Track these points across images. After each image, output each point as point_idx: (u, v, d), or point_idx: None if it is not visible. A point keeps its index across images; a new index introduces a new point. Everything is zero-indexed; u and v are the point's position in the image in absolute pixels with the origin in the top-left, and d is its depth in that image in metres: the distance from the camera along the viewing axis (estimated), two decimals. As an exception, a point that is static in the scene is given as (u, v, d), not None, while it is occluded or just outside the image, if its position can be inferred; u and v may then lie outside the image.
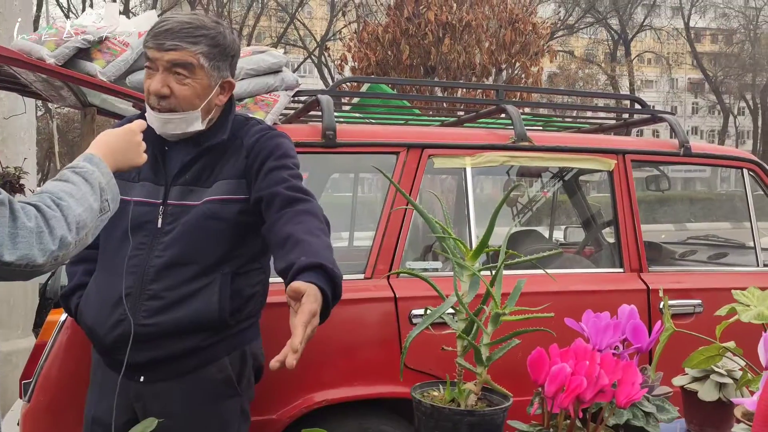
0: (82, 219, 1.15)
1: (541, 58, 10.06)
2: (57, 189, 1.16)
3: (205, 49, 1.56)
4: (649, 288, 2.50)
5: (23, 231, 1.05)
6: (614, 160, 2.61)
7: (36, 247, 1.06)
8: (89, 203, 1.18)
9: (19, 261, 1.04)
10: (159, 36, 1.53)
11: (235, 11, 25.70)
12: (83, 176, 1.21)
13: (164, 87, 1.54)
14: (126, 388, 1.61)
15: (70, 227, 1.12)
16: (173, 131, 1.60)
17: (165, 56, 1.53)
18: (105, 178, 1.25)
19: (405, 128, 3.09)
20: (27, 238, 1.05)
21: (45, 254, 1.07)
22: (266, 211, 1.55)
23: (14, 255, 1.03)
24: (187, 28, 1.55)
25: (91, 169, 1.23)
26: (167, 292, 1.57)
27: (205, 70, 1.57)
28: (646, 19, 30.43)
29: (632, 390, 0.97)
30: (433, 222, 1.33)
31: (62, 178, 1.20)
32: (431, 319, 1.25)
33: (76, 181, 1.19)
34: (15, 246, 1.04)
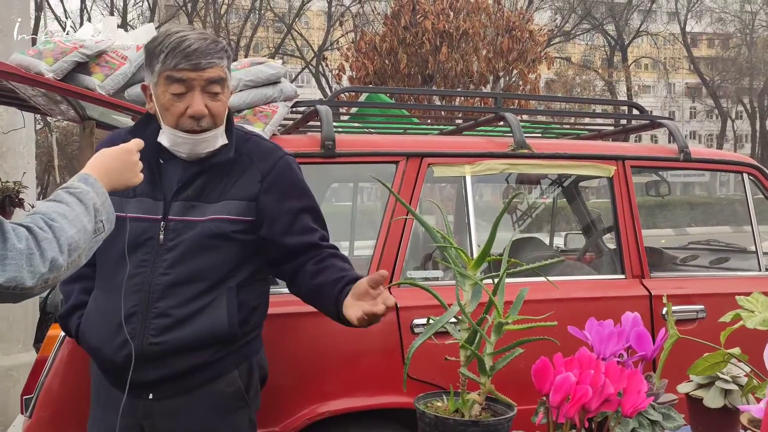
0: (75, 241, 1.13)
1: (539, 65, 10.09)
2: (50, 210, 1.14)
3: (227, 62, 1.59)
4: (651, 294, 2.49)
5: (12, 252, 1.03)
6: (614, 167, 2.61)
7: (26, 270, 1.04)
8: (83, 224, 1.16)
9: (8, 283, 1.03)
10: (191, 56, 1.51)
11: (233, 22, 25.82)
12: (77, 197, 1.19)
13: (204, 107, 1.54)
14: (134, 406, 1.59)
15: (62, 249, 1.10)
16: (205, 150, 1.59)
17: (204, 75, 1.53)
18: (100, 199, 1.23)
19: (404, 137, 3.09)
20: (16, 260, 1.03)
21: (35, 277, 1.05)
22: (295, 257, 1.64)
23: (2, 277, 1.02)
24: (211, 44, 1.55)
25: (86, 190, 1.21)
26: (175, 310, 1.56)
27: (227, 82, 1.60)
28: (643, 24, 30.53)
29: (638, 399, 0.97)
30: (435, 231, 1.33)
31: (56, 199, 1.18)
32: (434, 329, 1.24)
33: (69, 202, 1.17)
34: (3, 268, 1.02)
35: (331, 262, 1.62)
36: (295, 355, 2.14)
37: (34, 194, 4.13)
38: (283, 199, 1.64)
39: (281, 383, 2.00)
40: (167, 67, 1.53)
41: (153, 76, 1.57)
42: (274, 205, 1.63)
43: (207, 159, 1.62)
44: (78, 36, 2.27)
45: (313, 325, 2.18)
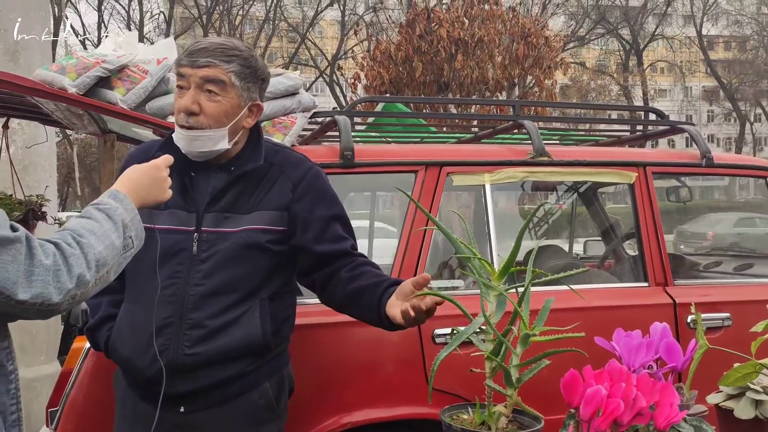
0: (103, 257, 1.13)
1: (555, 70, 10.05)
2: (78, 226, 1.15)
3: (237, 68, 1.58)
4: (675, 302, 2.46)
5: (39, 269, 1.03)
6: (635, 173, 2.58)
7: (52, 286, 1.04)
8: (111, 240, 1.17)
9: (34, 299, 1.03)
10: (193, 54, 1.56)
11: (247, 33, 26.05)
12: (106, 213, 1.20)
13: (194, 104, 1.56)
14: (163, 419, 1.58)
15: (90, 265, 1.10)
16: (199, 149, 1.59)
17: (198, 72, 1.55)
18: (129, 215, 1.23)
19: (423, 146, 3.09)
20: (42, 276, 1.03)
21: (62, 293, 1.06)
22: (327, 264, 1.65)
23: (29, 293, 1.02)
24: (221, 47, 1.57)
25: (115, 206, 1.23)
26: (210, 321, 1.57)
27: (237, 88, 1.59)
28: (658, 28, 30.32)
29: (671, 412, 0.95)
30: (459, 242, 1.32)
31: (85, 215, 1.19)
32: (459, 340, 1.23)
33: (98, 218, 1.18)
34: (30, 284, 1.02)
35: (366, 269, 1.62)
36: (317, 366, 2.14)
37: (56, 207, 4.18)
38: (315, 207, 1.65)
39: (304, 394, 2.00)
40: (177, 63, 1.59)
41: None
42: (306, 213, 1.64)
43: (233, 168, 1.63)
44: (100, 51, 2.30)
45: (336, 335, 2.19)
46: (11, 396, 1.13)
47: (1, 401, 1.13)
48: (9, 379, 1.14)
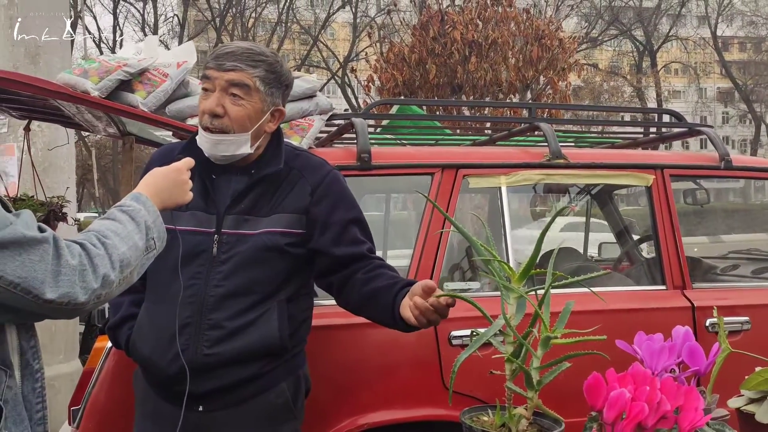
0: (127, 257, 1.16)
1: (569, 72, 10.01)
2: (103, 227, 1.18)
3: (262, 73, 1.60)
4: (694, 305, 2.45)
5: (66, 269, 1.05)
6: (652, 175, 2.57)
7: (78, 285, 1.06)
8: (134, 241, 1.19)
9: (61, 299, 1.04)
10: (220, 57, 1.58)
11: (260, 35, 26.15)
12: (129, 215, 1.22)
13: (218, 106, 1.58)
14: (184, 418, 1.60)
15: (114, 265, 1.13)
16: (222, 153, 1.62)
17: (224, 76, 1.57)
18: (151, 217, 1.26)
19: (439, 149, 3.09)
20: (69, 276, 1.05)
21: (87, 292, 1.08)
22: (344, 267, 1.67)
23: (56, 293, 1.04)
24: (248, 52, 1.60)
25: (138, 208, 1.25)
26: (228, 322, 1.59)
27: (261, 93, 1.60)
28: (672, 29, 30.11)
29: (695, 416, 0.95)
30: (479, 244, 1.32)
31: (109, 217, 1.22)
32: (480, 342, 1.24)
33: (122, 220, 1.21)
34: (57, 284, 1.04)
35: (382, 271, 1.64)
36: (334, 367, 2.15)
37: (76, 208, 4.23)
38: (333, 211, 1.67)
39: (321, 395, 2.01)
40: (204, 66, 1.62)
41: None
42: (324, 217, 1.66)
43: (254, 171, 1.66)
44: (121, 55, 2.33)
45: (352, 337, 2.20)
46: (37, 394, 1.16)
47: (27, 399, 1.15)
48: (35, 377, 1.16)
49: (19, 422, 1.12)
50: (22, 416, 1.14)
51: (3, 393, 1.10)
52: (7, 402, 1.10)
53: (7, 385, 1.11)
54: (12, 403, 1.12)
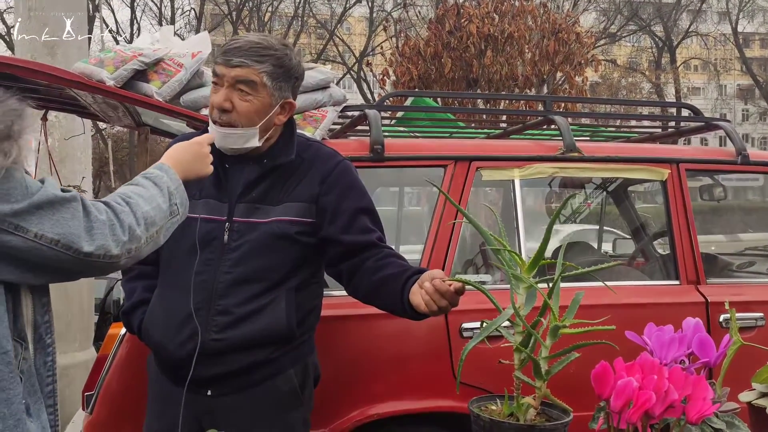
0: (151, 216, 1.20)
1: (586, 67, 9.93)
2: (126, 190, 1.23)
3: (269, 68, 1.61)
4: (707, 301, 2.43)
5: (97, 223, 1.11)
6: (668, 170, 2.55)
7: (110, 238, 1.12)
8: (158, 203, 1.24)
9: (98, 251, 1.10)
10: (228, 53, 1.60)
11: (276, 29, 26.19)
12: (152, 180, 1.28)
13: (227, 101, 1.60)
14: (193, 402, 1.64)
15: (139, 222, 1.17)
16: (231, 146, 1.64)
17: (231, 72, 1.59)
18: (174, 184, 1.30)
19: (452, 141, 3.09)
20: (101, 230, 1.11)
21: (119, 245, 1.13)
22: (354, 255, 1.67)
23: (93, 245, 1.09)
24: (255, 47, 1.60)
25: (160, 175, 1.30)
26: (236, 308, 1.61)
27: (268, 88, 1.62)
28: (692, 25, 29.73)
29: (703, 405, 0.95)
30: (489, 235, 1.32)
31: (132, 183, 1.27)
32: (487, 331, 1.24)
33: (144, 184, 1.26)
34: (92, 237, 1.09)
35: (392, 260, 1.64)
36: (344, 357, 2.16)
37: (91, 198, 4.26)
38: (342, 200, 1.68)
39: (330, 385, 2.02)
40: (214, 60, 1.64)
41: None
42: (334, 205, 1.67)
43: (266, 161, 1.68)
44: (137, 45, 2.34)
45: (364, 327, 2.20)
46: (48, 368, 1.19)
47: (39, 373, 1.18)
48: (47, 351, 1.20)
49: (33, 393, 1.15)
50: (36, 388, 1.17)
51: (20, 364, 1.13)
52: (23, 373, 1.13)
53: (23, 357, 1.14)
54: (27, 374, 1.15)
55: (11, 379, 1.08)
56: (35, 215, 1.05)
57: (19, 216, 1.04)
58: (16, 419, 1.07)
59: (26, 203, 1.05)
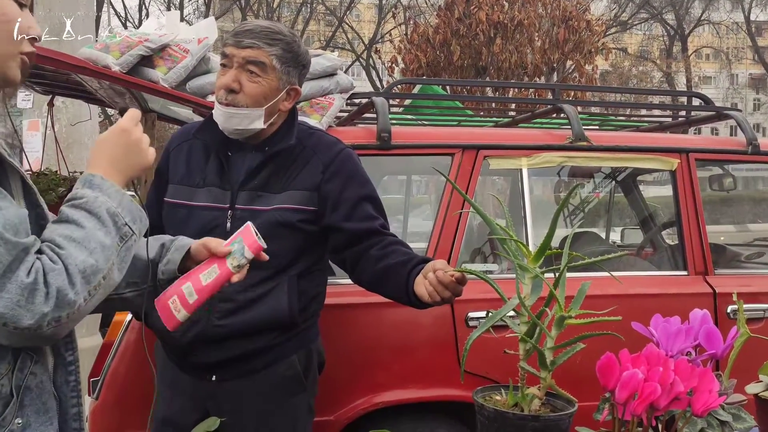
0: (90, 264, 0.97)
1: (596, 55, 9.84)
2: (55, 235, 0.99)
3: (279, 52, 1.63)
4: (715, 291, 2.41)
5: (13, 285, 0.91)
6: (677, 160, 2.53)
7: (21, 307, 0.91)
8: (98, 241, 0.99)
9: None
10: (239, 34, 1.61)
11: (285, 16, 26.08)
12: (86, 209, 1.01)
13: (235, 82, 1.61)
14: (198, 387, 1.66)
15: (73, 281, 0.95)
16: (235, 126, 1.64)
17: (241, 53, 1.60)
18: (114, 200, 1.04)
19: (460, 129, 3.07)
20: (13, 295, 0.91)
21: (34, 316, 0.92)
22: (357, 242, 1.67)
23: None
24: (266, 30, 1.62)
25: (93, 197, 1.02)
26: (239, 295, 1.62)
27: (277, 71, 1.63)
28: (704, 13, 29.39)
29: (709, 398, 0.94)
30: (495, 224, 1.31)
31: (61, 219, 1.01)
32: (492, 321, 1.23)
33: (76, 219, 1.00)
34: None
35: (396, 248, 1.64)
36: (350, 346, 2.16)
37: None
38: (344, 188, 1.68)
39: (336, 373, 2.03)
40: (223, 43, 1.64)
41: None
42: (336, 194, 1.67)
43: (267, 148, 1.68)
44: (143, 30, 2.33)
45: (370, 316, 2.20)
46: (71, 388, 1.08)
47: (62, 391, 1.08)
48: (68, 370, 1.08)
49: (42, 413, 1.04)
50: (48, 407, 1.05)
51: (25, 379, 1.01)
52: (29, 389, 1.02)
53: (31, 372, 1.02)
54: (36, 392, 1.03)
55: None
56: None
57: None
58: None
59: None
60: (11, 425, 1.00)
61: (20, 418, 1.01)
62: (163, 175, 1.77)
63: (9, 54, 1.01)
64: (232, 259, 1.31)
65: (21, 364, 1.01)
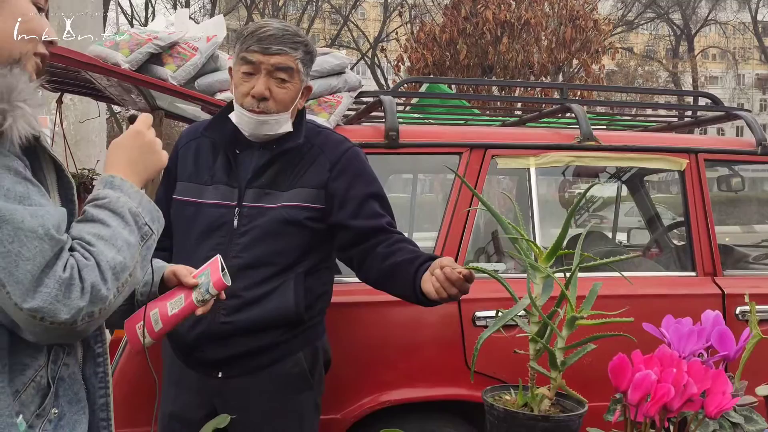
0: (119, 261, 1.00)
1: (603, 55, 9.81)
2: (84, 233, 1.01)
3: (301, 55, 1.65)
4: (724, 293, 2.40)
5: (51, 280, 0.93)
6: (686, 160, 2.52)
7: (59, 302, 0.93)
8: (124, 239, 1.02)
9: (36, 313, 0.92)
10: (264, 41, 1.60)
11: (290, 14, 26.09)
12: (110, 209, 1.04)
13: (267, 90, 1.61)
14: (205, 384, 1.66)
15: (105, 276, 0.98)
16: (267, 132, 1.66)
17: (270, 60, 1.61)
18: (135, 200, 1.08)
19: (468, 128, 3.06)
20: (52, 289, 0.93)
21: (71, 311, 0.94)
22: (364, 240, 1.67)
23: (30, 303, 0.92)
24: (288, 34, 1.63)
25: (116, 197, 1.06)
26: (245, 292, 1.62)
27: (300, 74, 1.66)
28: (711, 13, 29.26)
29: (723, 399, 0.93)
30: (506, 223, 1.31)
31: (87, 219, 1.04)
32: (504, 320, 1.23)
33: (102, 218, 1.03)
34: (35, 294, 0.92)
35: (402, 246, 1.64)
36: (357, 344, 2.16)
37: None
38: (351, 186, 1.68)
39: (343, 372, 2.03)
40: (242, 48, 1.63)
41: (235, 57, 1.67)
42: (342, 191, 1.68)
43: (275, 146, 1.68)
44: (152, 28, 2.34)
45: (377, 315, 2.20)
46: (99, 379, 1.11)
47: (90, 382, 1.11)
48: (97, 362, 1.12)
49: (75, 402, 1.08)
50: (80, 397, 1.09)
51: (58, 370, 1.05)
52: (62, 380, 1.06)
53: (64, 363, 1.06)
54: (69, 381, 1.07)
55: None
56: None
57: None
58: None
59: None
60: (49, 415, 1.03)
61: (56, 408, 1.04)
62: (172, 173, 1.77)
63: (25, 52, 1.05)
64: (197, 292, 1.37)
65: (54, 356, 1.04)
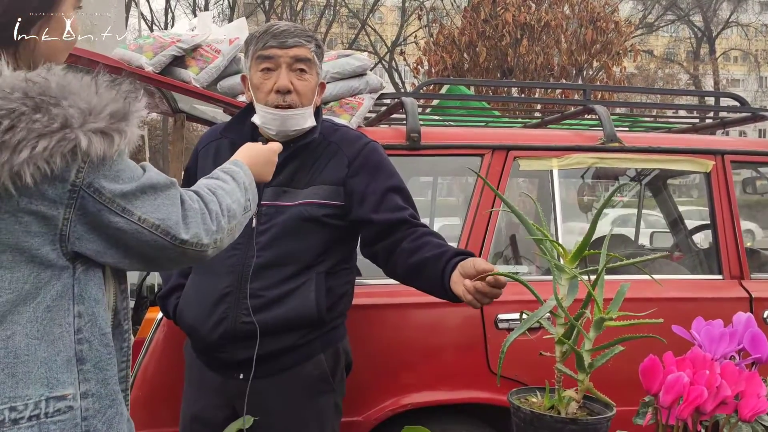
0: (233, 209, 1.20)
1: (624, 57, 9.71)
2: (209, 182, 1.23)
3: (315, 48, 1.66)
4: (752, 296, 2.36)
5: (191, 212, 1.11)
6: (712, 161, 2.48)
7: (202, 227, 1.11)
8: (237, 197, 1.23)
9: (192, 239, 1.09)
10: (279, 36, 1.62)
11: (308, 19, 26.24)
12: (231, 174, 1.28)
13: (290, 82, 1.62)
14: (225, 385, 1.65)
15: (224, 213, 1.17)
16: (293, 127, 1.65)
17: (289, 52, 1.62)
18: (248, 180, 1.30)
19: (490, 130, 3.05)
20: (194, 218, 1.11)
21: (209, 234, 1.12)
22: (388, 234, 1.65)
23: (188, 233, 1.09)
24: (299, 29, 1.65)
25: (237, 170, 1.30)
26: (266, 291, 1.62)
27: (316, 66, 1.67)
28: (732, 14, 28.90)
29: (758, 402, 0.91)
30: (530, 224, 1.30)
31: (212, 176, 1.27)
32: (530, 322, 1.21)
33: (224, 178, 1.26)
34: (187, 225, 1.09)
35: (428, 240, 1.60)
36: (379, 347, 2.15)
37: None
38: (371, 180, 1.67)
39: (365, 374, 2.02)
40: (258, 48, 1.63)
41: (248, 61, 1.67)
42: (362, 186, 1.66)
43: (294, 143, 1.68)
44: (175, 31, 2.35)
45: (398, 317, 2.19)
46: (123, 353, 1.20)
47: (117, 357, 1.20)
48: (123, 337, 1.20)
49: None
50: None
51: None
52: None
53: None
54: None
55: (109, 360, 1.09)
56: (140, 199, 1.05)
57: (126, 198, 1.03)
58: (111, 399, 1.08)
59: (134, 186, 1.04)
60: None
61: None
62: (192, 175, 1.78)
63: (62, 48, 1.12)
64: None
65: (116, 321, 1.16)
